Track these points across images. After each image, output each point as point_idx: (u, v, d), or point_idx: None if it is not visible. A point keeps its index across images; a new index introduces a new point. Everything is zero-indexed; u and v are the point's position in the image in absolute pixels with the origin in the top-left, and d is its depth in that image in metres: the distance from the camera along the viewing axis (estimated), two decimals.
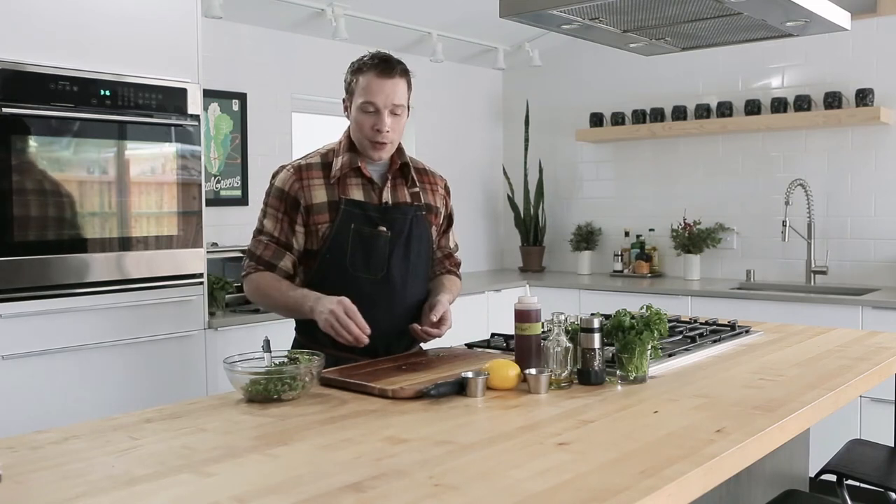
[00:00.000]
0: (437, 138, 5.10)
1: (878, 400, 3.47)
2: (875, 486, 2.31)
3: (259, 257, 2.23)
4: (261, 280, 2.22)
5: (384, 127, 2.15)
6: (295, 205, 2.19)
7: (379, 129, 2.15)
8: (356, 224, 2.18)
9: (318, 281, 2.20)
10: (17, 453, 1.40)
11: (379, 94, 2.14)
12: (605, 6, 2.26)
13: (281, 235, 2.21)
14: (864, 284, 4.22)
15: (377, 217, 2.21)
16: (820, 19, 2.45)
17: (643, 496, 1.15)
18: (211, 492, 1.21)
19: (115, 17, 2.96)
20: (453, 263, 2.48)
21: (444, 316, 2.19)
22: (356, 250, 2.18)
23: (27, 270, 2.73)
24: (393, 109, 2.16)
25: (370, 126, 2.16)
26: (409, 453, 1.37)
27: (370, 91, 2.14)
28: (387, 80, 2.14)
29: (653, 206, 4.96)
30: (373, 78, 2.14)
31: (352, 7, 4.17)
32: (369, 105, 2.15)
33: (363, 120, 2.17)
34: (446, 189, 2.42)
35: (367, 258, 2.19)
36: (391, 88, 2.15)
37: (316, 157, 2.25)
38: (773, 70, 4.52)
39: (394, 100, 2.15)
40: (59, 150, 2.82)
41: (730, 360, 2.17)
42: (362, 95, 2.15)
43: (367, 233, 2.19)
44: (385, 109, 2.15)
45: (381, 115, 2.15)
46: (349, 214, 2.18)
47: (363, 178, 2.23)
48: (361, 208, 2.20)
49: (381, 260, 2.20)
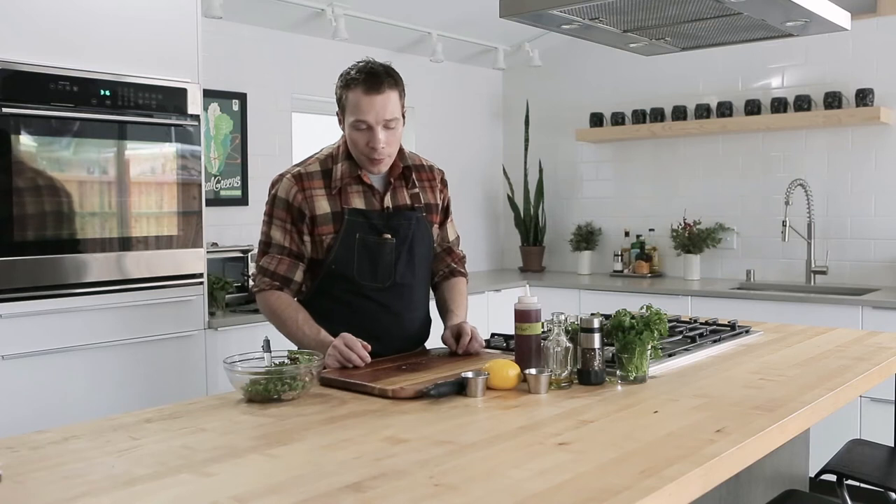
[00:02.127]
0: (437, 138, 5.09)
1: (878, 400, 3.47)
2: (875, 486, 2.31)
3: (274, 273, 2.19)
4: (277, 304, 2.18)
5: (378, 144, 2.11)
6: (301, 216, 2.17)
7: (374, 147, 2.11)
8: (361, 233, 2.17)
9: (326, 290, 2.20)
10: (17, 453, 1.40)
11: (370, 111, 2.08)
12: (605, 6, 2.26)
13: (292, 246, 2.18)
14: (864, 284, 4.22)
15: (381, 225, 2.19)
16: (820, 19, 2.45)
17: (643, 496, 1.15)
18: (211, 492, 1.21)
19: (115, 16, 2.96)
20: (456, 259, 2.45)
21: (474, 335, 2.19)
22: (363, 260, 2.17)
23: (27, 270, 2.73)
24: (386, 124, 2.10)
25: (364, 143, 2.12)
26: (409, 453, 1.37)
27: (360, 109, 2.09)
28: (376, 95, 2.07)
29: (653, 206, 4.96)
30: (361, 95, 2.08)
31: (352, 7, 4.17)
32: (361, 123, 2.10)
33: (357, 137, 2.13)
34: (443, 181, 2.39)
35: (374, 267, 2.18)
36: (382, 104, 2.08)
37: (315, 164, 2.21)
38: (773, 70, 4.51)
39: (385, 115, 2.09)
40: (58, 150, 2.82)
41: (730, 360, 2.17)
42: (353, 113, 2.10)
43: (372, 242, 2.18)
44: (378, 126, 2.10)
45: (375, 132, 2.10)
46: (353, 224, 2.17)
47: (363, 184, 2.20)
48: (365, 217, 2.18)
49: (387, 268, 2.20)
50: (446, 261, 2.43)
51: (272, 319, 2.22)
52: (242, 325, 3.31)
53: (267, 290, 2.19)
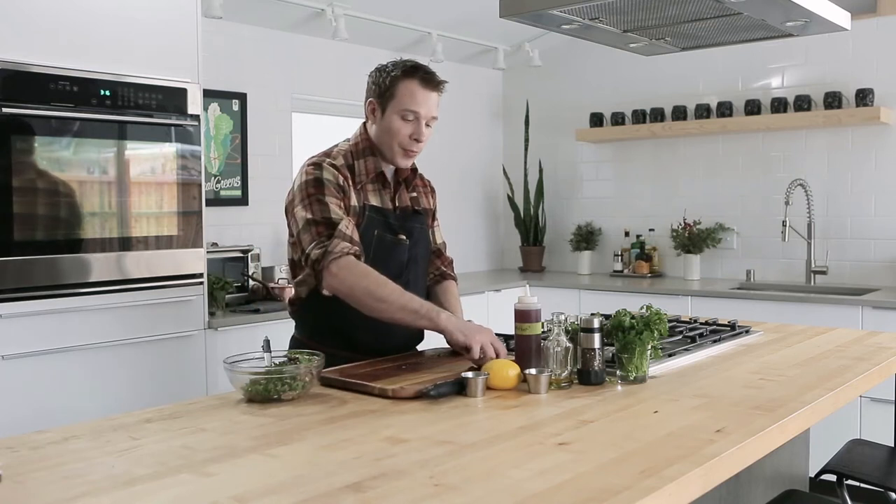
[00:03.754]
0: (437, 138, 5.02)
1: (878, 400, 3.47)
2: (875, 486, 2.31)
3: (352, 238, 2.06)
4: (369, 271, 2.03)
5: (423, 137, 2.17)
6: (345, 196, 2.13)
7: (418, 139, 2.16)
8: (379, 231, 2.18)
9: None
10: (17, 453, 1.40)
11: (424, 104, 2.15)
12: (605, 6, 2.26)
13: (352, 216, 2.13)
14: (864, 284, 4.22)
15: (396, 225, 2.22)
16: (820, 19, 2.45)
17: (643, 496, 1.15)
18: (211, 492, 1.21)
19: (115, 17, 2.96)
20: (445, 263, 2.48)
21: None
22: (378, 257, 2.17)
23: (27, 270, 2.73)
24: (429, 121, 2.18)
25: (408, 134, 2.15)
26: (409, 453, 1.37)
27: (416, 100, 2.14)
28: (431, 91, 2.16)
29: (653, 206, 4.97)
30: (418, 87, 2.14)
31: (352, 7, 4.17)
32: (411, 113, 2.14)
33: (401, 127, 2.15)
34: (432, 188, 2.45)
35: (386, 265, 2.17)
36: (434, 101, 2.18)
37: (339, 157, 2.19)
38: (773, 70, 4.52)
39: (433, 112, 2.18)
40: (59, 150, 2.82)
41: (730, 360, 2.17)
42: (406, 103, 2.14)
43: (388, 240, 2.20)
44: (424, 119, 2.16)
45: (421, 125, 2.16)
46: (372, 221, 2.18)
47: (378, 182, 2.22)
48: (382, 215, 2.21)
49: (399, 267, 2.21)
50: (436, 264, 2.45)
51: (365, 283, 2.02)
52: (242, 325, 3.31)
53: (350, 256, 2.03)
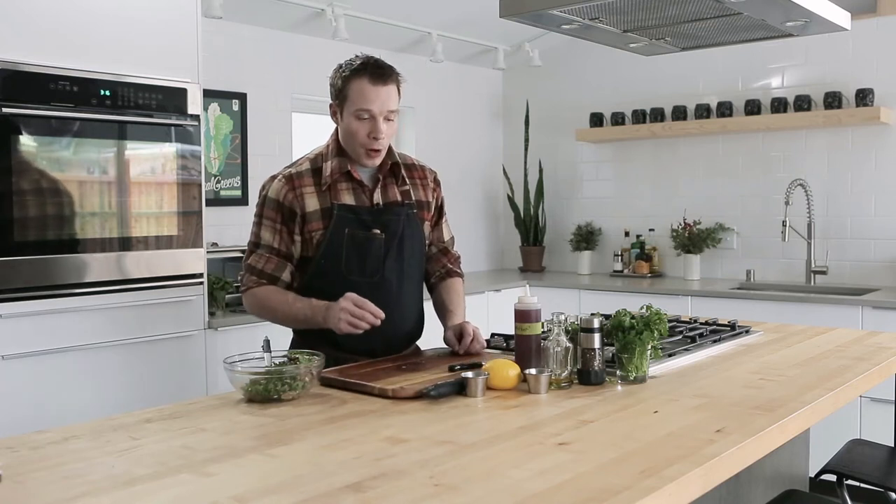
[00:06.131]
0: (438, 138, 5.09)
1: (878, 400, 3.47)
2: (875, 486, 2.31)
3: (261, 271, 2.20)
4: (263, 294, 2.18)
5: (380, 134, 2.14)
6: (291, 215, 2.17)
7: (375, 137, 2.14)
8: (350, 229, 2.18)
9: (314, 286, 2.20)
10: (17, 453, 1.40)
11: (375, 101, 2.12)
12: (605, 6, 2.26)
13: (281, 246, 2.19)
14: (864, 284, 4.22)
15: (370, 220, 2.20)
16: (820, 19, 2.45)
17: (643, 496, 1.16)
18: (211, 492, 1.21)
19: (115, 17, 2.96)
20: (452, 260, 2.46)
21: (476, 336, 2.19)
22: (351, 255, 2.18)
23: (27, 270, 2.73)
24: (387, 116, 2.15)
25: (365, 133, 2.14)
26: (409, 453, 1.37)
27: (366, 98, 2.12)
28: (381, 86, 2.13)
29: (653, 206, 4.96)
30: (367, 84, 2.12)
31: (352, 7, 4.17)
32: (364, 112, 2.13)
33: (357, 127, 2.15)
34: (436, 181, 2.41)
35: (361, 262, 2.19)
36: (386, 95, 2.13)
37: (305, 163, 2.23)
38: (773, 70, 4.51)
39: (389, 106, 2.14)
40: (59, 150, 2.82)
41: (730, 360, 2.17)
42: (358, 102, 2.13)
43: (361, 237, 2.19)
44: (380, 116, 2.13)
45: (377, 122, 2.13)
46: (342, 219, 2.18)
47: (353, 181, 2.22)
48: (354, 213, 2.19)
49: (376, 263, 2.20)
50: (442, 261, 2.44)
51: (261, 311, 2.22)
52: (242, 325, 3.31)
53: (255, 287, 2.20)
